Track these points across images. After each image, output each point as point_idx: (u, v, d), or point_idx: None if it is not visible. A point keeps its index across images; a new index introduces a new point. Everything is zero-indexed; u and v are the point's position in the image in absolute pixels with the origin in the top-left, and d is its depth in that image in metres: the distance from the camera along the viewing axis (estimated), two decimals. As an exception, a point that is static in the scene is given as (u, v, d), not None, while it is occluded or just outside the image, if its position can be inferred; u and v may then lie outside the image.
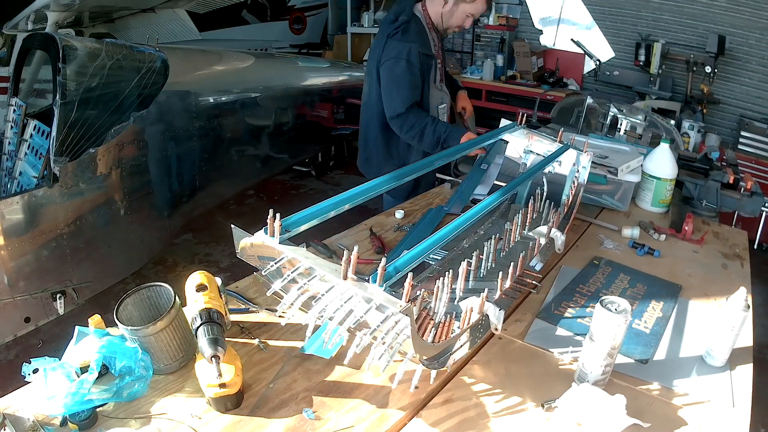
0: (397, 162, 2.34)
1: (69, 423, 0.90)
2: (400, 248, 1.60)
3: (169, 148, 2.85)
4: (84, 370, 0.96)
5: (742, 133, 4.14)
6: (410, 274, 0.88)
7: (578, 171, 1.69)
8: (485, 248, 1.31)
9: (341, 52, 6.09)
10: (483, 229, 1.68)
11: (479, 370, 1.12)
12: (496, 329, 1.05)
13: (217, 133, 3.20)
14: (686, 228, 1.76)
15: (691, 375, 1.14)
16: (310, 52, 6.24)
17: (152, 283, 1.11)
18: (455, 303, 1.12)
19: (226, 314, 1.12)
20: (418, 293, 1.08)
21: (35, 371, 0.95)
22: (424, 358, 0.96)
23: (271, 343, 1.16)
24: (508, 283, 1.17)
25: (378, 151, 2.38)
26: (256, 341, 1.16)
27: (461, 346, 1.05)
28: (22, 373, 0.96)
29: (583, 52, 4.67)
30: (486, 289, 1.04)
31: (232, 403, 0.97)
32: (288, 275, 0.94)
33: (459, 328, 1.02)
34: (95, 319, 1.05)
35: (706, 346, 1.18)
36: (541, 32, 5.13)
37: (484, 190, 2.03)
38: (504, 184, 1.58)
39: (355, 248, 0.88)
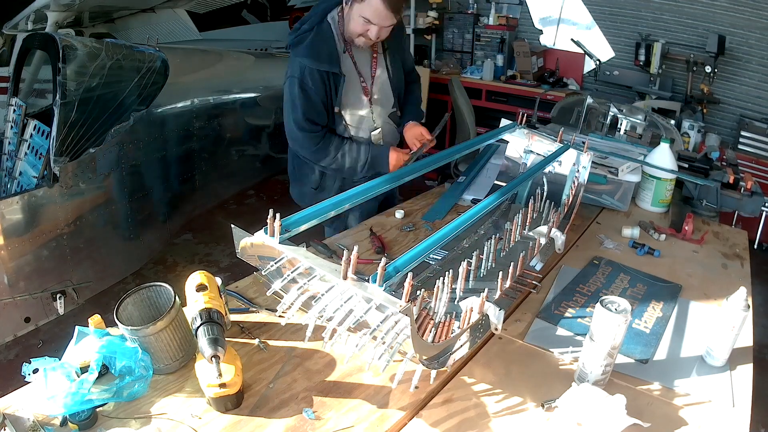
0: (312, 186, 2.09)
1: (69, 423, 0.90)
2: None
3: (168, 148, 2.85)
4: (84, 370, 0.96)
5: (742, 133, 4.13)
6: (410, 274, 0.88)
7: (578, 171, 1.69)
8: (485, 248, 1.31)
9: (341, 52, 6.09)
10: (483, 229, 1.68)
11: (479, 370, 1.12)
12: (496, 329, 1.05)
13: (216, 133, 3.20)
14: (686, 228, 1.76)
15: (691, 375, 1.14)
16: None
17: (152, 283, 1.11)
18: (455, 303, 1.12)
19: (226, 314, 1.12)
20: (418, 293, 1.08)
21: (35, 371, 0.95)
22: (424, 358, 0.96)
23: (271, 343, 1.16)
24: (508, 283, 1.17)
25: (292, 173, 2.19)
26: (256, 341, 1.16)
27: (461, 346, 1.05)
28: (22, 373, 0.96)
29: (583, 52, 4.67)
30: (486, 289, 1.04)
31: (232, 403, 0.97)
32: (288, 275, 0.94)
33: (459, 328, 1.02)
34: (95, 319, 1.05)
35: (706, 346, 1.18)
36: (541, 32, 5.12)
37: (484, 190, 2.03)
38: (504, 184, 1.58)
39: (355, 248, 0.88)
